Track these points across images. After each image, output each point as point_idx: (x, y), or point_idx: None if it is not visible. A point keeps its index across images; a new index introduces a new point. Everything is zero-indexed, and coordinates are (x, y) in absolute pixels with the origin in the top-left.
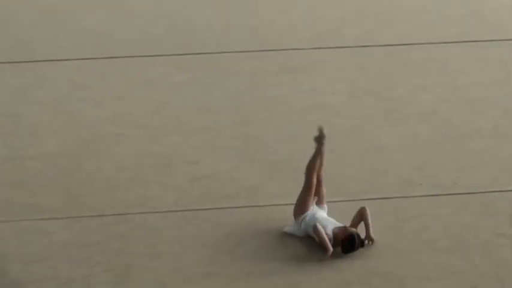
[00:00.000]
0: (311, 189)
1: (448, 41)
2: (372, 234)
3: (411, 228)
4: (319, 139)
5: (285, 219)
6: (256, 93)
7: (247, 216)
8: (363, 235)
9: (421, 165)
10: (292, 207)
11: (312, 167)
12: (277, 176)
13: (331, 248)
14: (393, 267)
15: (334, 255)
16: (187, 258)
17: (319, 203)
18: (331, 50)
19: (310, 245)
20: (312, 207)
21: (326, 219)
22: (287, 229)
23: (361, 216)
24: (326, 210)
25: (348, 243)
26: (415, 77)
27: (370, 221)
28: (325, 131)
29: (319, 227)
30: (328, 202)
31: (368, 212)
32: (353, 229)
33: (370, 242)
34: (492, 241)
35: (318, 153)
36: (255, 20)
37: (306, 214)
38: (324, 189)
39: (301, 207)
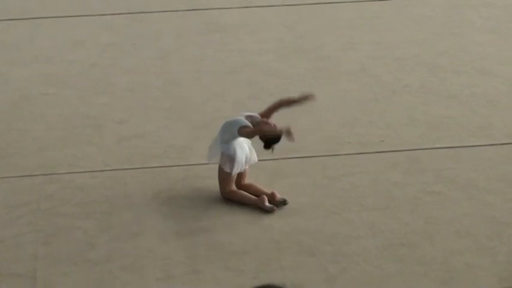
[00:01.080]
0: None
1: None
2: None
3: (340, 187)
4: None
5: (214, 177)
6: (183, 53)
7: (176, 175)
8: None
9: (349, 123)
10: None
11: None
12: (206, 136)
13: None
14: (322, 225)
15: (262, 213)
16: (116, 218)
17: None
18: (258, 9)
19: (239, 205)
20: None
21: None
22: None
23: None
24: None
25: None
26: (343, 35)
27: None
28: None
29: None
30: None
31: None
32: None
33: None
34: (420, 198)
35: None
36: None
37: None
38: None
39: None
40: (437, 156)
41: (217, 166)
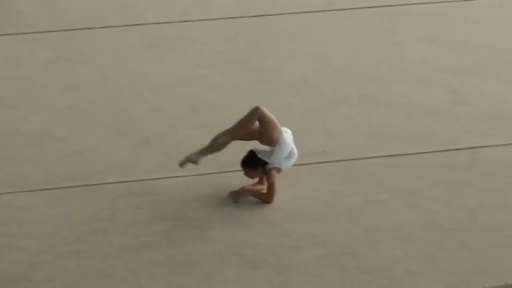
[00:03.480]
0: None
1: (314, 11)
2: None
3: (281, 198)
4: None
5: (156, 193)
6: (123, 69)
7: (118, 192)
8: None
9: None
10: (164, 181)
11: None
12: (147, 151)
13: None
14: (265, 237)
15: (203, 229)
16: (58, 236)
17: None
18: (198, 23)
19: (182, 219)
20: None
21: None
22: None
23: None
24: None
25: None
26: (283, 47)
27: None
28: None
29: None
30: (198, 175)
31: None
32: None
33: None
34: (361, 207)
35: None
36: None
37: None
38: None
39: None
40: (377, 165)
41: (160, 182)
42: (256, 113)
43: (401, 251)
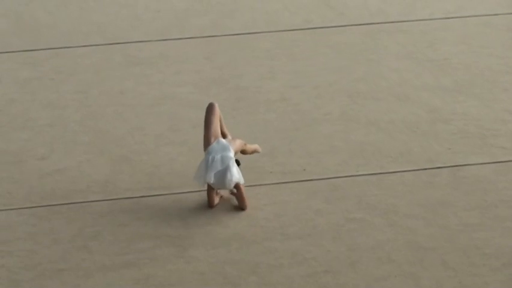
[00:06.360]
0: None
1: (293, 29)
2: None
3: (263, 216)
4: None
5: (138, 211)
6: (103, 87)
7: (99, 210)
8: None
9: (270, 152)
10: (146, 199)
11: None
12: (128, 169)
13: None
14: (246, 255)
15: (185, 248)
16: (40, 255)
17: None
18: (177, 41)
19: (164, 237)
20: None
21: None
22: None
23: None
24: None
25: None
26: (262, 65)
27: None
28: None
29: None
30: (179, 193)
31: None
32: None
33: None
34: (343, 225)
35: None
36: (99, 14)
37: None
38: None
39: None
40: (358, 183)
41: (141, 200)
42: (207, 108)
43: (382, 270)
